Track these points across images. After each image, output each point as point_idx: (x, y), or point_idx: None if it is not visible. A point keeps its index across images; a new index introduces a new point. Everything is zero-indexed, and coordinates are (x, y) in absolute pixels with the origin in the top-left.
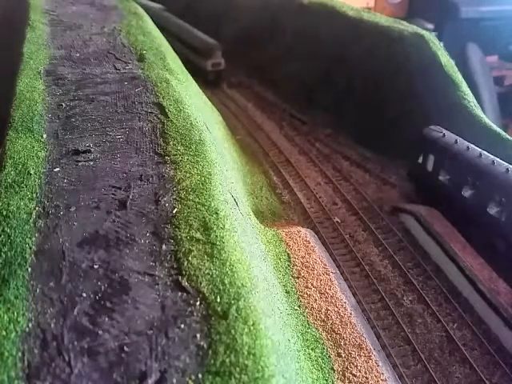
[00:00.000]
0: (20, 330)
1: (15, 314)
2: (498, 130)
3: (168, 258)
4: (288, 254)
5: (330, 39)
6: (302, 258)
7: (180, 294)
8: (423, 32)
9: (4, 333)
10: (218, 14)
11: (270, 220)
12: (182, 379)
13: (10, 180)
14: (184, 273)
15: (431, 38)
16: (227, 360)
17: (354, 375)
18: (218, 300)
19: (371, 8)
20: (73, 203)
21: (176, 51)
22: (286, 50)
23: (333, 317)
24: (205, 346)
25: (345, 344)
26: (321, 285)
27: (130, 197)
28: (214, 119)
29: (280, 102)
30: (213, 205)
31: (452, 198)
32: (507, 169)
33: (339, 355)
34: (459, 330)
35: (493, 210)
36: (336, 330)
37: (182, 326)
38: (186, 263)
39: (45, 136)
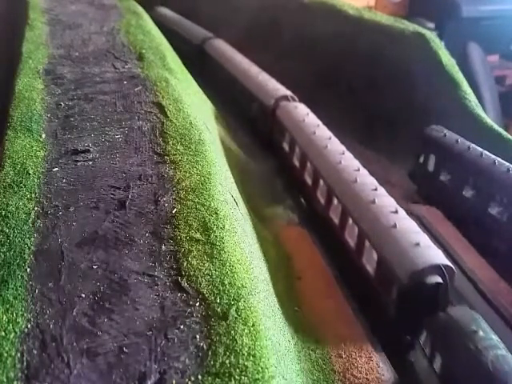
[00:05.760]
0: (19, 330)
1: (14, 314)
2: (500, 129)
3: (167, 258)
4: (288, 254)
5: (330, 38)
6: (303, 258)
7: (179, 294)
8: (424, 31)
9: (3, 333)
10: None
11: (270, 220)
12: (182, 380)
13: (8, 180)
14: (183, 273)
15: (432, 37)
16: (227, 361)
17: (355, 376)
18: (218, 301)
19: (372, 7)
20: (72, 203)
21: None
22: (284, 49)
23: (333, 317)
24: (204, 346)
25: (345, 344)
26: (321, 285)
27: (129, 197)
28: (214, 118)
29: None
30: (213, 205)
31: (453, 198)
32: (508, 169)
33: (340, 356)
34: None
35: (494, 210)
36: (337, 330)
37: (182, 326)
38: (185, 264)
39: (44, 136)
